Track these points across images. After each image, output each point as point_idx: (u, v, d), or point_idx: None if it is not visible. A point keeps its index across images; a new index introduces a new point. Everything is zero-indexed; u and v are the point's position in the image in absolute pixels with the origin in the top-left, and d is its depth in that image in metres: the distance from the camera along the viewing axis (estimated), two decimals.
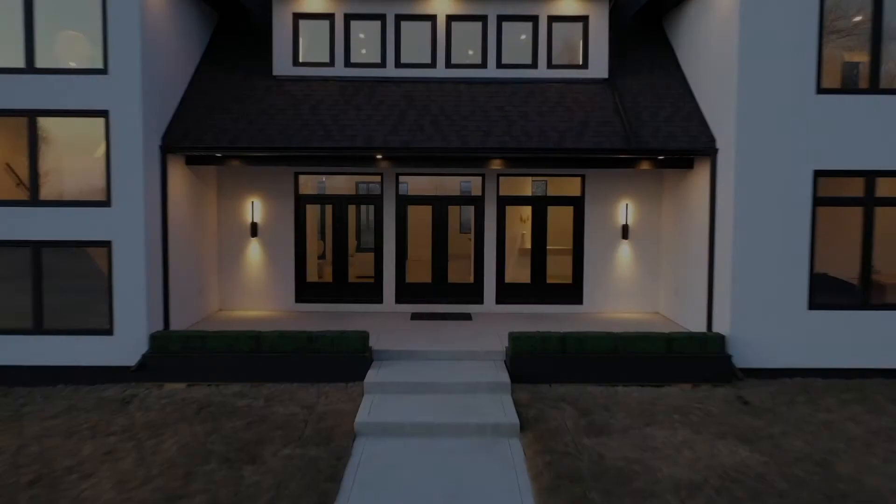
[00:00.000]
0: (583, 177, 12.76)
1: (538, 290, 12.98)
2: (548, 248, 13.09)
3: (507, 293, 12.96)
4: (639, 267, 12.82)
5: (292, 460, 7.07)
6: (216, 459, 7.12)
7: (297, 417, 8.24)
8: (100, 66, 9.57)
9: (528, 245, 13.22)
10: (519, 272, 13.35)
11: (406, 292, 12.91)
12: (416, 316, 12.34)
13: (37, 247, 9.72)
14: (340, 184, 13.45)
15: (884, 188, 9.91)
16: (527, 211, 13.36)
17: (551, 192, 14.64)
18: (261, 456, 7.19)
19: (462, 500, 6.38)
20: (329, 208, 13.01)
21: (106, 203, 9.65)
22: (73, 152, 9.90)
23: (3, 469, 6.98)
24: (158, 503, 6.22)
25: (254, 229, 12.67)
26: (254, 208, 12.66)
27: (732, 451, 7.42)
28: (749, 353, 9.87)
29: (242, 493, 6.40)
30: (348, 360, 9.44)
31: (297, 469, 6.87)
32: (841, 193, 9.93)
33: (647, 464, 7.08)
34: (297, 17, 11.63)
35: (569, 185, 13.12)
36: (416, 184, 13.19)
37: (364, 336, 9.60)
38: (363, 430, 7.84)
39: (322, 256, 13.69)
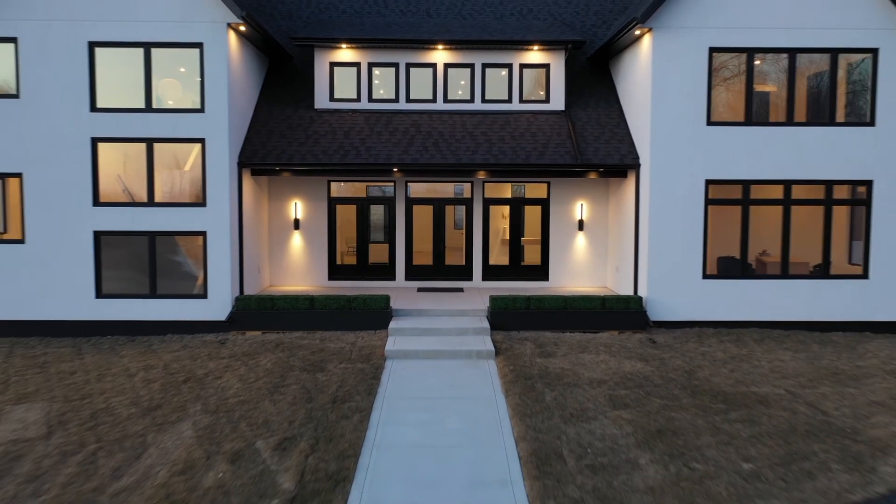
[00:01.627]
0: (548, 183, 16.67)
1: (514, 270, 16.90)
2: (522, 238, 17.00)
3: (491, 273, 16.88)
4: (591, 252, 16.75)
5: (347, 369, 10.98)
6: (297, 369, 11.02)
7: (345, 349, 12.15)
8: (198, 106, 13.45)
9: (507, 236, 17.12)
10: (500, 257, 17.24)
11: (413, 272, 16.81)
12: (421, 289, 16.25)
13: (152, 235, 13.59)
14: (353, 189, 17.26)
15: (755, 193, 13.88)
16: (506, 210, 17.21)
17: (525, 195, 18.51)
18: (326, 368, 11.10)
19: (456, 387, 10.30)
20: (353, 207, 16.86)
21: (202, 204, 13.53)
22: (178, 167, 13.76)
23: (161, 375, 10.88)
24: (270, 388, 10.12)
25: (296, 224, 16.52)
26: (296, 208, 16.51)
27: (633, 365, 11.38)
28: (660, 310, 13.83)
29: (320, 384, 10.31)
30: (376, 314, 13.34)
31: (351, 373, 10.79)
32: (726, 196, 13.89)
33: (575, 371, 11.02)
34: (333, 65, 15.52)
35: (538, 189, 17.00)
36: (421, 188, 17.02)
37: (387, 298, 13.51)
38: (390, 355, 11.75)
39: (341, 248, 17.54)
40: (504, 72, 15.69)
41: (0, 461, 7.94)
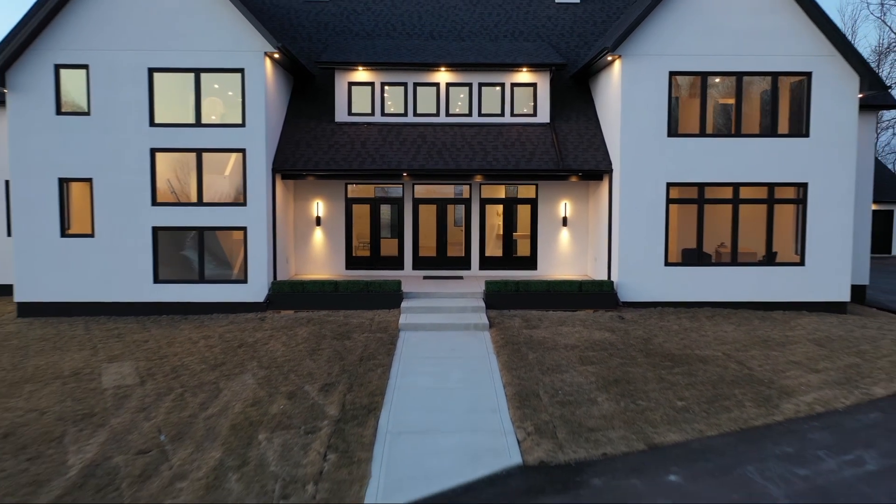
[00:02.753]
0: (536, 185, 19.21)
1: (507, 260, 19.45)
2: (514, 233, 19.53)
3: (487, 263, 19.42)
4: (574, 244, 19.30)
5: (369, 337, 13.53)
6: (328, 338, 13.57)
7: (365, 323, 14.70)
8: (240, 122, 15.99)
9: (501, 232, 19.66)
10: (495, 249, 19.76)
11: (419, 262, 19.35)
12: (427, 277, 18.79)
13: (201, 230, 16.13)
14: (367, 191, 19.74)
15: (709, 193, 16.44)
16: (500, 208, 19.72)
17: (517, 195, 21.04)
18: (351, 336, 13.65)
19: (457, 350, 12.86)
20: (367, 207, 19.38)
21: (243, 204, 16.07)
22: (221, 173, 16.29)
23: (219, 342, 13.42)
24: (309, 351, 12.66)
25: (318, 221, 19.05)
26: (318, 207, 19.04)
27: (601, 335, 13.93)
28: (629, 292, 16.38)
29: (348, 348, 12.85)
30: (390, 296, 15.88)
31: (372, 340, 13.34)
32: (684, 196, 16.44)
33: (554, 339, 13.57)
34: (351, 84, 18.07)
35: (528, 191, 19.51)
36: (426, 190, 19.53)
37: (399, 283, 16.05)
38: (403, 327, 14.29)
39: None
40: (498, 89, 18.24)
41: (113, 399, 10.49)
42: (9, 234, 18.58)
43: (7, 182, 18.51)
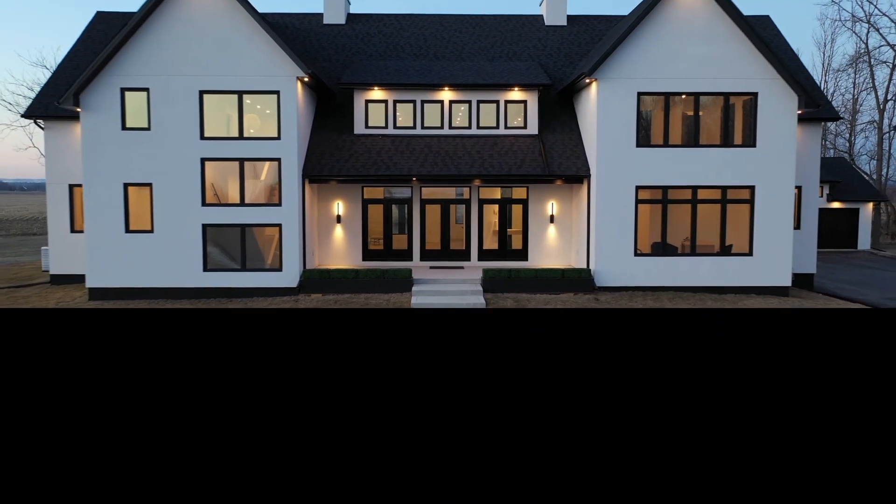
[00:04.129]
0: (527, 188, 22.18)
1: (502, 253, 22.42)
2: (508, 229, 22.50)
3: (485, 255, 22.39)
4: (560, 238, 22.27)
5: None
6: None
7: (382, 303, 17.70)
8: (276, 135, 18.97)
9: (497, 228, 22.61)
10: (491, 243, 22.71)
11: (426, 255, 22.32)
12: (433, 267, 21.76)
13: (243, 227, 19.12)
14: (381, 192, 22.64)
15: (672, 195, 19.41)
16: (496, 208, 22.65)
17: (511, 196, 24.01)
18: None
19: None
20: (381, 207, 22.32)
21: (279, 204, 19.06)
22: (259, 178, 19.28)
23: None
24: None
25: (338, 219, 22.02)
26: (338, 206, 22.01)
27: None
28: (604, 278, 19.37)
29: None
30: (402, 282, 18.86)
31: None
32: (651, 197, 19.42)
33: None
34: (367, 101, 21.05)
35: (520, 192, 22.43)
36: (431, 192, 22.45)
37: (409, 271, 19.04)
38: (414, 307, 17.26)
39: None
40: (493, 106, 21.21)
41: None
42: (71, 230, 21.57)
43: (70, 186, 21.47)
